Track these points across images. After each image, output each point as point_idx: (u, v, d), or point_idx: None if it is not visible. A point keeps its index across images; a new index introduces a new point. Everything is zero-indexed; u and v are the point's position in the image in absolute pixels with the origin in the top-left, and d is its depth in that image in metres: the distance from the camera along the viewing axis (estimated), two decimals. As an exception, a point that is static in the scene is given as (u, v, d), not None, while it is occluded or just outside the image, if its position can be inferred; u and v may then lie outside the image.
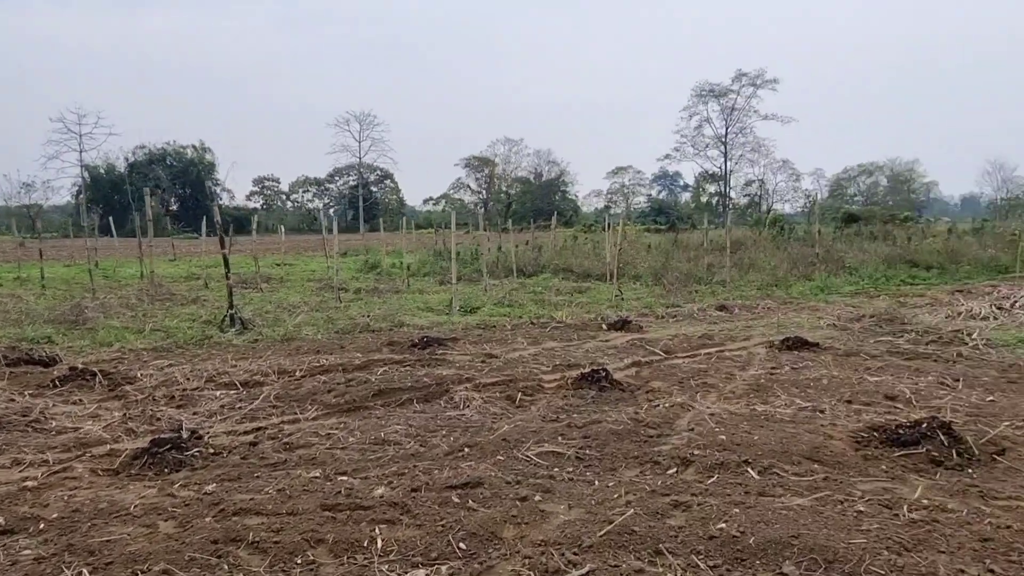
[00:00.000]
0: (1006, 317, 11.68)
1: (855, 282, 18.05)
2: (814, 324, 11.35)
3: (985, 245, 23.69)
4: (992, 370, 7.85)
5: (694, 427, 5.43)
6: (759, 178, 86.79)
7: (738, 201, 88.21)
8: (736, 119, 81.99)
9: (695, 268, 19.53)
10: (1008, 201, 60.55)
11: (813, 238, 22.11)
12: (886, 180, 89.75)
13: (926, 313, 12.53)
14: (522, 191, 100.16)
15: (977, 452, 4.72)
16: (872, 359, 8.53)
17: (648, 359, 8.55)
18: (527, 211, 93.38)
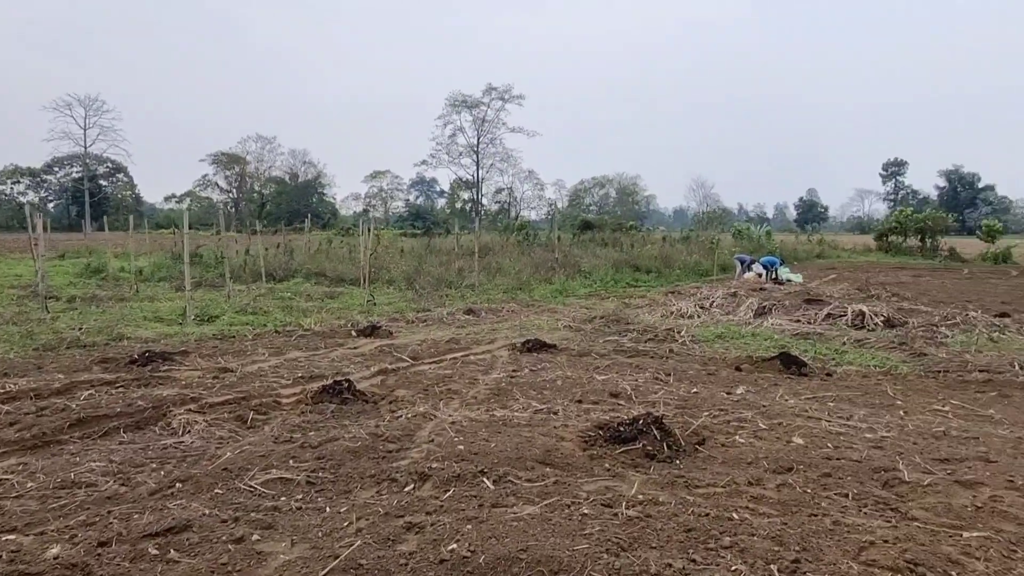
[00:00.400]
0: (706, 315, 13.23)
1: (589, 285, 19.47)
2: (553, 326, 11.94)
3: (691, 252, 26.96)
4: (696, 364, 8.77)
5: (434, 438, 5.30)
6: (508, 186, 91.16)
7: (490, 208, 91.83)
8: (487, 130, 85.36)
9: (447, 272, 19.75)
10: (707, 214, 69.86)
11: (553, 244, 23.52)
12: (615, 192, 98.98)
13: (646, 313, 13.80)
14: (277, 192, 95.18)
15: (684, 444, 5.13)
16: (601, 358, 9.11)
17: (395, 366, 8.33)
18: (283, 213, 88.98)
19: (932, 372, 8.25)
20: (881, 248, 38.49)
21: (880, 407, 6.61)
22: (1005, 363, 8.58)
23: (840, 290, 18.21)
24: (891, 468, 4.71)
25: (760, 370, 8.30)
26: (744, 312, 13.28)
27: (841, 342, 10.22)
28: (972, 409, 6.58)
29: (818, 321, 12.14)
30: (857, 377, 8.01)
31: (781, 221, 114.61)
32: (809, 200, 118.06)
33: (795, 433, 5.54)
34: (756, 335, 10.81)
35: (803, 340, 10.46)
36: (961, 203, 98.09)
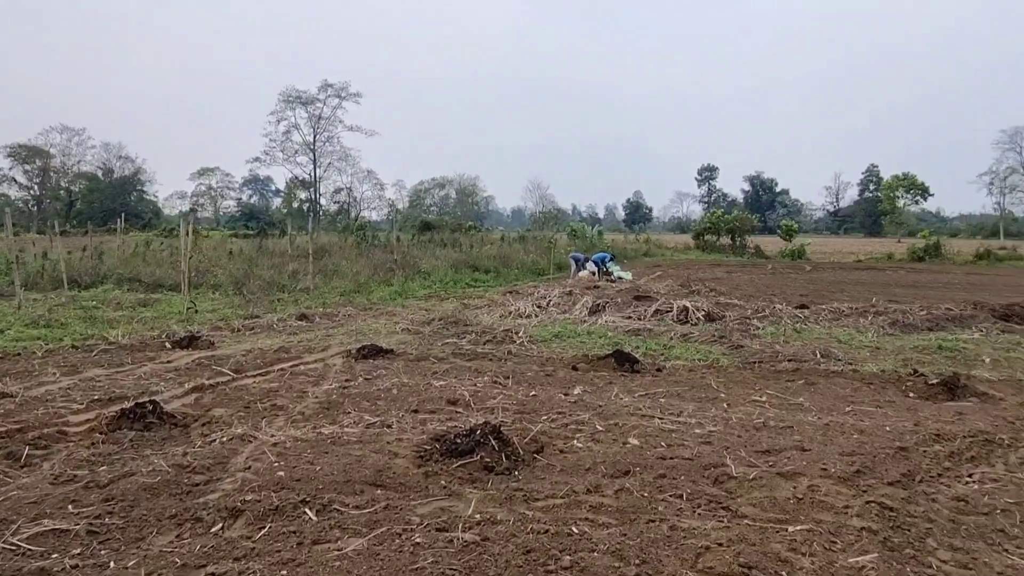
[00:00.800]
0: (544, 315, 13.30)
1: (429, 286, 19.08)
2: (391, 329, 11.44)
3: (528, 251, 27.36)
4: (534, 365, 8.66)
5: (251, 464, 4.69)
6: (347, 186, 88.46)
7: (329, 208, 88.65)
8: (323, 128, 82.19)
9: (279, 276, 18.55)
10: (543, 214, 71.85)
11: (392, 245, 22.89)
12: (455, 193, 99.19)
13: (485, 314, 13.64)
14: (89, 189, 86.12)
15: (522, 453, 4.90)
16: (439, 362, 8.77)
17: (214, 381, 7.49)
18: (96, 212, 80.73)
19: (749, 364, 8.69)
20: (699, 247, 41.37)
21: (706, 400, 6.79)
22: (808, 352, 9.22)
23: (666, 287, 19.16)
24: (720, 464, 4.74)
25: (596, 369, 8.33)
26: (579, 310, 13.49)
27: (669, 337, 10.58)
28: (785, 398, 6.93)
29: (647, 317, 12.55)
30: (684, 371, 8.25)
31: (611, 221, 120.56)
32: (635, 201, 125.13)
33: (631, 433, 5.49)
34: (591, 333, 10.94)
35: (635, 336, 10.72)
36: (763, 205, 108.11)
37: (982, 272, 27.92)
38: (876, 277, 24.87)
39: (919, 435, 5.45)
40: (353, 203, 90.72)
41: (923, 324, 11.89)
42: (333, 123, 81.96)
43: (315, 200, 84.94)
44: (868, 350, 9.80)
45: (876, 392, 7.30)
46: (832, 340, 10.45)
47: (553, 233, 37.32)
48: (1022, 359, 9.11)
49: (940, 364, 8.79)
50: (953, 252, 35.11)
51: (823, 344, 9.88)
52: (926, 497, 4.22)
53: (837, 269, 29.18)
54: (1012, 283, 22.77)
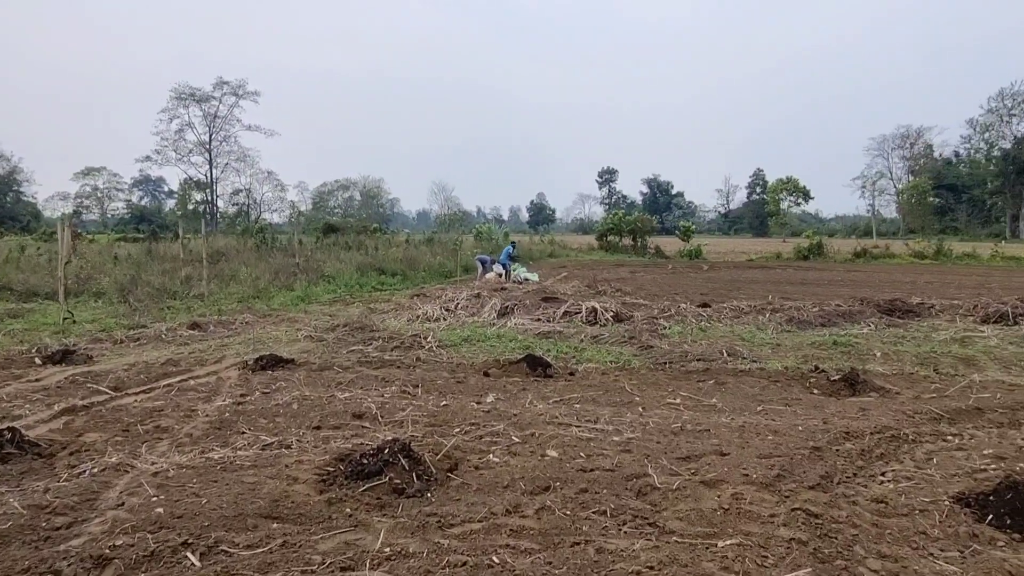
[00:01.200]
0: (452, 318, 12.90)
1: (333, 290, 18.27)
2: (292, 337, 10.73)
3: (435, 253, 26.85)
4: (444, 371, 8.26)
5: (126, 500, 4.08)
6: (246, 188, 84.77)
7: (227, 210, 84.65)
8: (219, 127, 78.45)
9: (171, 282, 17.27)
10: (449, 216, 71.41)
11: (294, 248, 21.86)
12: (359, 195, 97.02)
13: (392, 318, 13.10)
14: (-43, 190, 78.91)
15: (435, 471, 4.51)
16: (344, 371, 8.23)
17: (89, 401, 6.67)
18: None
19: (660, 365, 8.61)
20: (602, 247, 42.02)
21: (621, 405, 6.60)
22: (715, 351, 9.26)
23: (572, 287, 19.14)
24: (642, 474, 4.51)
25: (508, 374, 8.02)
26: (488, 313, 13.18)
27: (579, 339, 10.41)
28: (698, 400, 6.84)
29: (557, 319, 12.38)
30: (597, 375, 8.06)
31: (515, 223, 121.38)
32: (539, 203, 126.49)
33: (548, 444, 5.20)
34: (501, 336, 10.64)
35: (545, 339, 10.49)
36: (660, 207, 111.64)
37: (860, 269, 29.65)
38: (768, 275, 25.89)
39: (830, 434, 5.43)
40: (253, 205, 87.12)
41: (817, 320, 12.28)
42: (230, 122, 78.53)
43: (211, 202, 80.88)
44: (770, 347, 9.97)
45: (783, 389, 7.35)
46: (736, 338, 10.58)
47: (459, 235, 36.93)
48: (908, 352, 9.48)
49: (837, 359, 9.02)
50: (834, 251, 37.20)
51: (728, 342, 9.97)
52: (847, 500, 4.13)
53: (732, 268, 30.25)
54: (888, 279, 24.20)
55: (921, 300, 14.32)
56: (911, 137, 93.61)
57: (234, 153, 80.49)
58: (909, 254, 36.19)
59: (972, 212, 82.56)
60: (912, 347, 9.83)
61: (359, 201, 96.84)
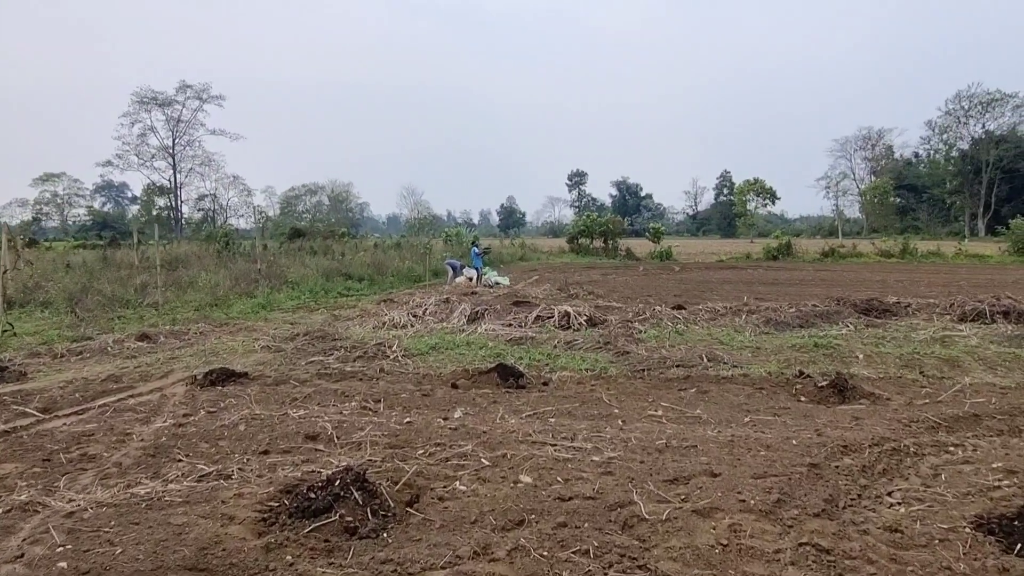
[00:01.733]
0: (420, 324, 12.31)
1: (297, 296, 17.53)
2: (249, 348, 10.05)
3: (404, 258, 26.16)
4: (410, 383, 7.68)
5: (27, 550, 3.45)
6: (211, 192, 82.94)
7: (192, 216, 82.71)
8: (183, 131, 76.62)
9: (124, 290, 16.39)
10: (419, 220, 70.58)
11: (257, 253, 21.04)
12: (328, 199, 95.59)
13: (357, 325, 12.47)
14: (-96, 197, 75.83)
15: (393, 505, 3.94)
16: (301, 385, 7.61)
17: (11, 425, 5.97)
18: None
19: (638, 372, 8.12)
20: (573, 250, 41.64)
21: (600, 418, 6.09)
22: (695, 356, 8.81)
23: (544, 291, 18.64)
24: (627, 502, 4.00)
25: (477, 385, 7.47)
26: (457, 319, 12.61)
27: (552, 345, 9.90)
28: (681, 411, 6.36)
29: (529, 324, 11.86)
30: (573, 384, 7.55)
31: (486, 226, 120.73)
32: (509, 207, 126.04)
33: (522, 467, 4.66)
34: (471, 343, 10.07)
35: (517, 346, 9.96)
36: (629, 209, 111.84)
37: (830, 268, 29.64)
38: (740, 276, 25.68)
39: (827, 448, 4.98)
40: (219, 210, 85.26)
41: (794, 321, 11.94)
42: (194, 126, 76.76)
43: (176, 207, 78.99)
44: (750, 350, 9.56)
45: (769, 397, 6.91)
46: (714, 341, 10.16)
47: (429, 239, 36.27)
48: (891, 353, 9.13)
49: (820, 363, 8.63)
50: (802, 251, 37.29)
51: (707, 346, 9.54)
52: (857, 529, 3.66)
53: (703, 269, 30.04)
54: (858, 278, 24.14)
55: (897, 299, 14.07)
56: (872, 138, 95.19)
57: (198, 158, 78.83)
58: (876, 253, 36.39)
59: (932, 211, 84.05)
60: (894, 348, 9.49)
61: (327, 205, 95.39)
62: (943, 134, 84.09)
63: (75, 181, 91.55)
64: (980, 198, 78.02)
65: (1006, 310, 11.90)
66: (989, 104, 78.91)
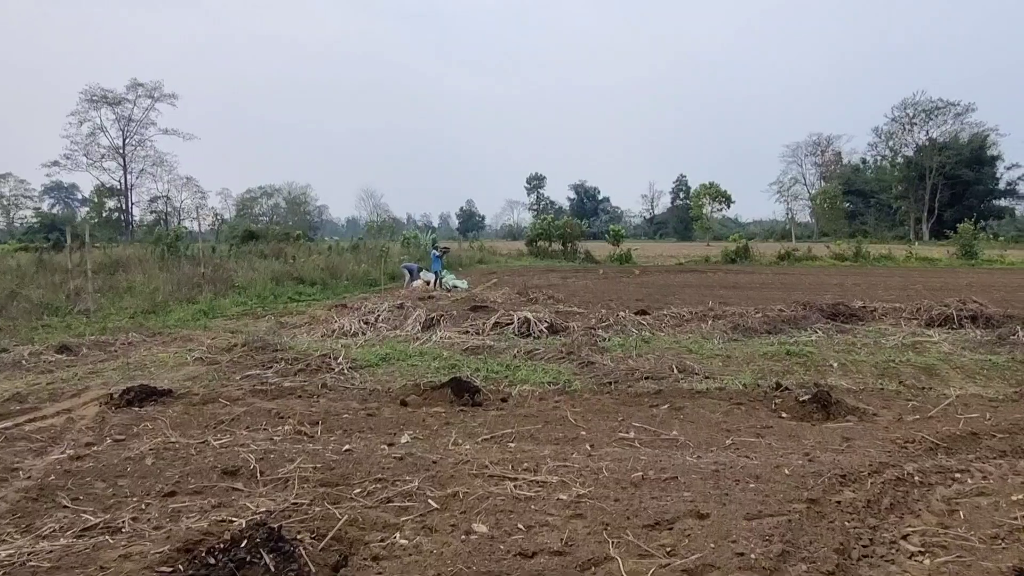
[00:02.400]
0: (372, 332, 11.46)
1: (244, 302, 16.44)
2: (181, 360, 9.08)
3: (360, 261, 25.13)
4: (354, 400, 6.86)
5: None
6: (164, 194, 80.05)
7: (144, 218, 79.69)
8: (134, 130, 73.69)
9: (55, 296, 15.12)
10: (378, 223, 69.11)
11: (202, 257, 19.84)
12: (284, 202, 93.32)
13: (304, 333, 11.58)
14: None
15: (314, 571, 3.14)
16: (232, 404, 6.73)
17: None
18: None
19: (604, 385, 7.43)
20: (532, 253, 40.99)
21: (566, 442, 5.37)
22: (664, 367, 8.17)
23: (503, 295, 17.92)
24: (602, 558, 3.29)
25: (430, 402, 6.69)
26: (412, 326, 11.79)
27: (512, 355, 9.16)
28: (655, 432, 5.68)
29: (487, 331, 11.10)
30: (534, 401, 6.82)
31: (445, 229, 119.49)
32: (468, 210, 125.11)
33: (476, 511, 3.90)
34: (424, 354, 9.27)
35: (474, 356, 9.19)
36: (587, 212, 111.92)
37: (788, 272, 29.56)
38: (701, 279, 25.34)
39: (822, 478, 4.34)
40: (173, 212, 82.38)
41: (762, 327, 11.43)
42: (145, 126, 73.85)
43: (126, 209, 76.04)
44: (720, 359, 8.98)
45: (748, 414, 6.28)
46: (682, 349, 9.56)
47: (386, 242, 35.22)
48: (866, 362, 8.64)
49: (795, 373, 8.08)
50: (759, 254, 37.29)
51: (676, 355, 8.94)
52: (881, 592, 3.00)
53: (664, 273, 29.67)
54: (816, 281, 24.00)
55: (863, 303, 13.72)
56: (822, 144, 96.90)
57: (150, 158, 75.85)
58: (830, 256, 36.59)
59: (880, 216, 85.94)
60: (867, 356, 9.01)
61: (284, 208, 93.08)
62: (889, 140, 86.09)
63: (22, 182, 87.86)
64: (924, 203, 79.97)
65: (973, 315, 11.60)
66: (932, 112, 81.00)
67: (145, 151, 75.11)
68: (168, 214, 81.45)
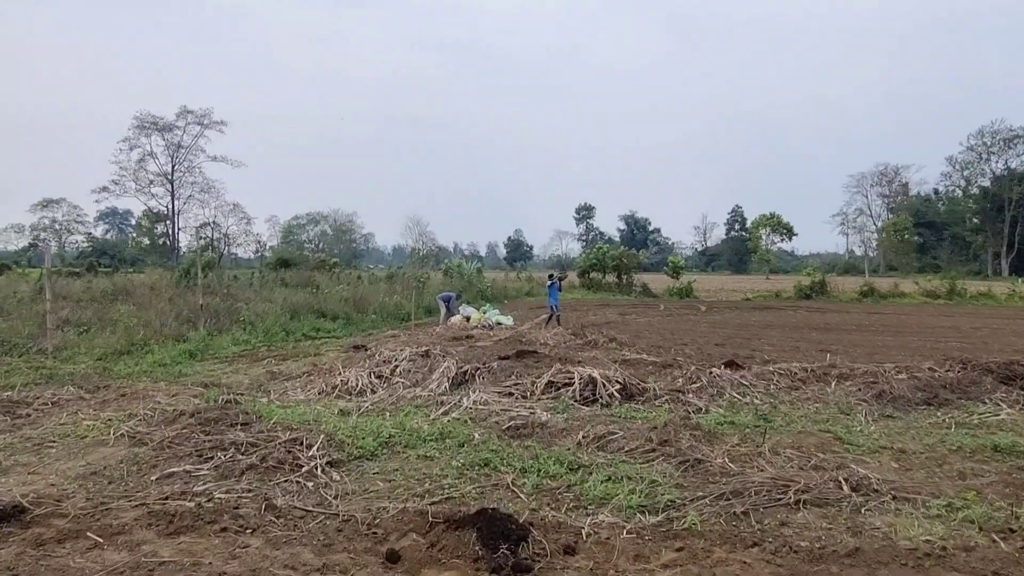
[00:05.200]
0: (384, 389, 8.64)
1: (246, 340, 13.86)
2: (101, 436, 6.36)
3: (394, 292, 22.49)
4: (307, 549, 3.96)
5: None
6: (212, 220, 79.77)
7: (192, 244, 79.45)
8: (183, 157, 73.70)
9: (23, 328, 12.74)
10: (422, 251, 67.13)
11: (214, 285, 17.45)
12: (330, 229, 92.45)
13: (299, 388, 8.88)
14: None
15: None
16: (102, 545, 3.95)
17: None
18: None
19: (736, 517, 4.38)
20: (584, 285, 37.86)
21: None
22: (820, 476, 5.08)
23: (554, 335, 14.99)
24: None
25: (438, 557, 3.75)
26: (438, 382, 8.91)
27: (576, 441, 6.17)
28: None
29: (537, 394, 8.16)
30: (623, 558, 3.80)
31: (492, 259, 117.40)
32: (516, 240, 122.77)
33: None
34: (446, 435, 6.34)
35: (519, 441, 6.23)
36: (637, 243, 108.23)
37: (878, 310, 25.80)
38: (781, 318, 21.92)
39: None
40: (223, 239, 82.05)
41: (915, 396, 8.24)
42: (194, 152, 73.83)
43: (173, 234, 75.88)
44: (889, 455, 5.87)
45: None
46: (826, 435, 6.44)
47: (427, 271, 32.66)
48: None
49: (1039, 492, 4.88)
50: (837, 290, 33.38)
51: (821, 446, 5.85)
52: None
53: (734, 309, 26.26)
54: (921, 323, 20.36)
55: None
56: (889, 175, 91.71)
57: (198, 184, 75.77)
58: (920, 292, 32.54)
59: (954, 250, 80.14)
60: None
61: (331, 235, 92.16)
62: (964, 170, 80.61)
63: (75, 207, 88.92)
64: (1003, 237, 74.16)
65: None
66: (1011, 141, 75.57)
67: (193, 177, 75.08)
68: (216, 240, 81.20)
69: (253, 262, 68.09)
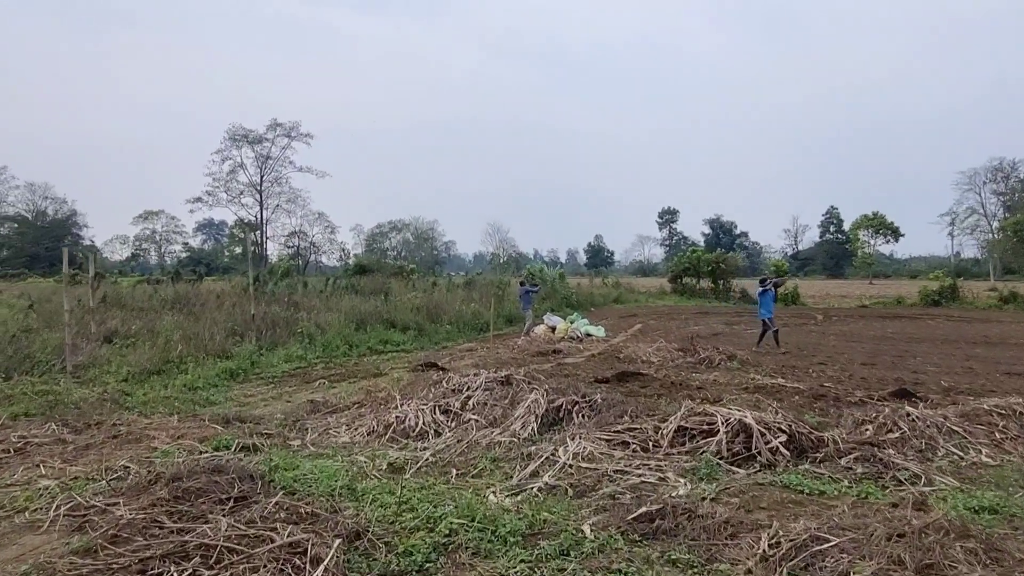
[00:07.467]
0: (451, 431, 6.37)
1: (301, 355, 11.94)
2: (35, 516, 4.35)
3: (471, 299, 20.34)
4: None
5: None
6: (298, 229, 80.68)
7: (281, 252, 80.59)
8: (271, 168, 74.77)
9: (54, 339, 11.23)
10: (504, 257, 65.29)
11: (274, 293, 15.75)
12: (412, 237, 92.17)
13: (342, 428, 6.72)
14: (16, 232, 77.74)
15: None
16: None
17: None
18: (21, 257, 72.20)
19: None
20: (676, 290, 34.76)
21: None
22: None
23: (656, 350, 12.42)
24: None
25: None
26: (523, 420, 6.56)
27: (756, 553, 3.66)
28: None
29: (664, 446, 5.68)
30: None
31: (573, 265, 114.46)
32: (597, 245, 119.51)
33: None
34: (538, 532, 3.97)
35: (655, 545, 3.77)
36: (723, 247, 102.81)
37: (1032, 320, 21.74)
38: (923, 329, 18.44)
39: None
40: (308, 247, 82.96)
41: None
42: (282, 163, 74.81)
43: (261, 243, 77.07)
44: None
45: None
46: None
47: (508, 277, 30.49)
48: None
49: None
50: (972, 295, 28.92)
51: None
52: None
53: (856, 319, 22.74)
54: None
55: None
56: (1004, 170, 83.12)
57: (285, 194, 76.76)
58: (1074, 299, 27.76)
59: (1087, 251, 71.49)
60: None
61: (413, 243, 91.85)
62: (1096, 163, 71.94)
63: (173, 218, 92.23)
64: None
65: None
66: None
67: (280, 188, 76.07)
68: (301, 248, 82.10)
69: (337, 270, 68.15)
